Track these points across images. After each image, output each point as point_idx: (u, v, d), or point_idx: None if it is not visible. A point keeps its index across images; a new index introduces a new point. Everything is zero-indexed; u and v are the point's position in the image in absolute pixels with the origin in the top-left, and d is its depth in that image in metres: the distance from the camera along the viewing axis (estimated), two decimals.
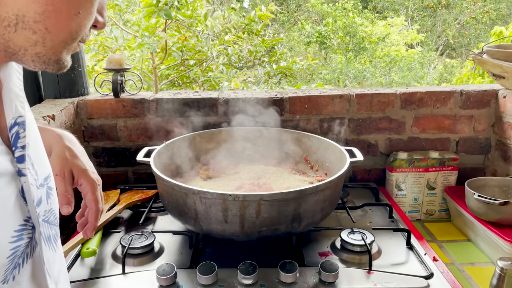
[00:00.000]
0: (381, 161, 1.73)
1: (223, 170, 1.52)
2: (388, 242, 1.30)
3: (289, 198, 1.09)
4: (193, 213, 1.14)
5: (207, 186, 1.36)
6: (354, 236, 1.26)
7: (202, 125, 1.65)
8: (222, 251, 1.25)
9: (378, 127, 1.69)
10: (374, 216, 1.46)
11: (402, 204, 1.68)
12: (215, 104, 1.64)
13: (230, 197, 1.07)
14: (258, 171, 1.47)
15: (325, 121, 1.67)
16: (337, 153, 1.40)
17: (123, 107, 1.63)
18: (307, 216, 1.15)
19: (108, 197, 1.44)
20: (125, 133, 1.66)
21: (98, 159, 1.69)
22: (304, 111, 1.66)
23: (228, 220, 1.10)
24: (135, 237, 1.25)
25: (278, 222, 1.12)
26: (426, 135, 1.71)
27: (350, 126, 1.68)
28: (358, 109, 1.66)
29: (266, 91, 1.74)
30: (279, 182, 1.40)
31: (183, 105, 1.63)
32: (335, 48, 11.64)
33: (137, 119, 1.65)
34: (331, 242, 1.29)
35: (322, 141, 1.49)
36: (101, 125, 1.65)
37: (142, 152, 1.36)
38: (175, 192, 1.15)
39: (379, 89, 1.71)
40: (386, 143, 1.71)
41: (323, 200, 1.17)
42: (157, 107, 1.63)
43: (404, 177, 1.65)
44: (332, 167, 1.44)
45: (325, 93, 1.66)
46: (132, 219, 1.43)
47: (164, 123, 1.65)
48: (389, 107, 1.67)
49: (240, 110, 1.62)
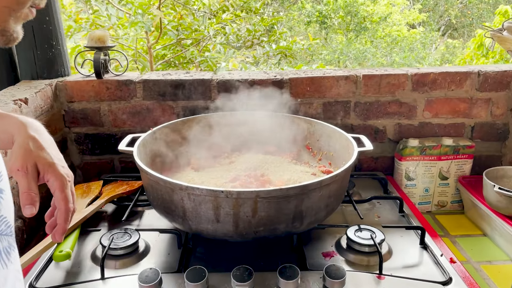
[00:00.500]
0: (389, 148, 1.59)
1: (216, 159, 1.38)
2: (399, 240, 1.17)
3: (290, 194, 0.95)
4: (181, 211, 1.00)
5: (198, 178, 1.22)
6: (361, 234, 1.13)
7: (194, 109, 1.51)
8: (214, 251, 1.12)
9: (387, 112, 1.54)
10: (383, 210, 1.33)
11: (412, 195, 1.54)
12: (208, 86, 1.49)
13: (222, 193, 0.93)
14: (255, 160, 1.32)
15: (329, 105, 1.52)
16: (342, 141, 1.26)
17: (107, 89, 1.48)
18: (310, 214, 1.01)
19: (89, 189, 1.30)
20: (110, 117, 1.52)
21: (80, 146, 1.55)
22: (306, 94, 1.51)
23: (220, 219, 0.97)
24: (117, 236, 1.11)
25: (277, 222, 0.98)
26: (439, 120, 1.57)
27: (356, 111, 1.54)
28: (365, 91, 1.51)
29: (264, 71, 1.59)
30: (278, 173, 1.26)
31: (173, 87, 1.48)
32: (336, 28, 11.39)
33: (122, 103, 1.50)
34: (336, 241, 1.16)
35: (325, 128, 1.34)
36: (83, 109, 1.50)
37: (125, 141, 1.22)
38: (160, 187, 1.01)
39: (388, 69, 1.56)
40: (395, 129, 1.57)
41: (328, 195, 1.03)
42: (144, 89, 1.48)
43: (415, 166, 1.52)
44: (337, 156, 1.30)
45: (329, 74, 1.51)
46: (116, 214, 1.30)
47: (153, 107, 1.50)
48: (399, 90, 1.52)
49: (236, 92, 1.48)
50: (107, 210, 1.32)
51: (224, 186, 1.18)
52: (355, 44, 10.77)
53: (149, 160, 1.25)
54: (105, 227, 1.23)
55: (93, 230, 1.16)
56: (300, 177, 1.21)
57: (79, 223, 1.11)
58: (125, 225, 1.23)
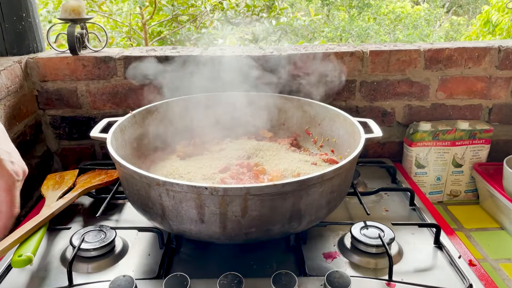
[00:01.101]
0: (397, 132, 1.44)
1: (206, 146, 1.23)
2: (410, 238, 1.03)
3: (286, 191, 0.81)
4: (159, 209, 0.86)
5: (183, 167, 1.08)
6: (368, 232, 0.99)
7: (181, 89, 1.35)
8: (200, 251, 0.99)
9: (396, 92, 1.39)
10: (391, 203, 1.19)
11: (422, 184, 1.40)
12: (197, 63, 1.33)
13: (206, 190, 0.79)
14: (248, 147, 1.18)
15: (332, 85, 1.37)
16: (347, 126, 1.11)
17: (84, 67, 1.33)
18: (309, 213, 0.87)
19: (62, 179, 1.16)
20: (88, 99, 1.36)
21: (57, 130, 1.40)
22: (306, 73, 1.35)
23: (205, 219, 0.83)
24: (90, 234, 0.98)
25: (271, 222, 0.84)
26: (454, 101, 1.41)
27: (362, 91, 1.38)
28: (373, 69, 1.36)
29: (260, 47, 1.43)
30: (274, 162, 1.12)
31: (158, 64, 1.32)
32: (338, 5, 11.10)
33: (101, 82, 1.35)
34: (338, 239, 1.03)
35: (328, 111, 1.19)
36: (58, 89, 1.35)
37: (100, 126, 1.07)
38: (135, 181, 0.87)
39: (398, 44, 1.40)
40: (405, 111, 1.42)
41: (331, 191, 0.89)
42: (125, 66, 1.33)
43: (426, 152, 1.37)
44: (341, 143, 1.15)
45: (332, 50, 1.35)
46: (92, 208, 1.16)
47: (136, 87, 1.35)
48: (410, 67, 1.36)
49: (228, 70, 1.32)
50: (83, 203, 1.18)
51: (213, 177, 1.04)
52: (358, 22, 10.48)
53: (128, 148, 1.10)
54: (79, 223, 1.09)
55: (62, 228, 1.02)
56: (299, 167, 1.06)
57: (47, 220, 0.97)
58: (102, 221, 1.09)
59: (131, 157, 1.11)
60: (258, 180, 1.05)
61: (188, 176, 1.03)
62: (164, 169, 1.09)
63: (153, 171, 1.11)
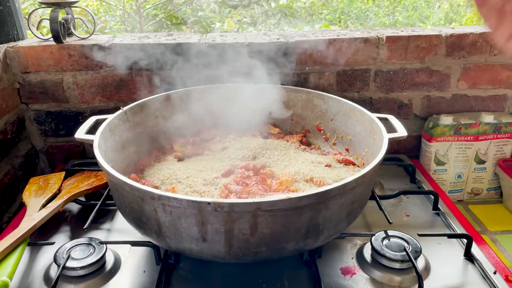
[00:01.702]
0: (414, 126, 1.32)
1: (206, 144, 1.11)
2: (437, 249, 0.92)
3: (303, 205, 0.69)
4: (155, 225, 0.74)
5: (182, 171, 0.96)
6: (390, 243, 0.88)
7: (178, 81, 1.22)
8: (202, 267, 0.88)
9: (414, 82, 1.26)
10: (412, 206, 1.08)
11: (442, 183, 1.29)
12: (195, 52, 1.20)
13: (209, 206, 0.67)
14: (254, 146, 1.06)
15: (344, 75, 1.24)
16: (365, 122, 0.99)
17: (70, 56, 1.19)
18: (327, 227, 0.76)
19: (46, 184, 1.04)
20: (76, 91, 1.24)
21: (42, 126, 1.27)
22: (316, 62, 1.22)
23: (208, 237, 0.71)
24: (77, 250, 0.86)
25: (285, 239, 0.73)
26: (476, 92, 1.29)
27: (377, 81, 1.26)
28: (389, 57, 1.23)
29: (264, 33, 1.29)
30: (282, 163, 1.00)
31: (152, 53, 1.19)
32: None
33: (90, 73, 1.22)
34: (356, 250, 0.92)
35: (342, 104, 1.07)
36: (42, 82, 1.22)
37: (86, 125, 0.95)
38: (127, 193, 0.75)
39: (417, 29, 1.27)
40: (423, 103, 1.30)
41: (352, 201, 0.78)
42: (116, 56, 1.20)
43: (447, 148, 1.25)
44: (357, 141, 1.03)
45: (344, 36, 1.22)
46: (81, 217, 1.04)
47: (128, 79, 1.22)
48: (430, 55, 1.23)
49: (230, 60, 1.19)
50: (71, 209, 1.06)
51: (215, 183, 0.93)
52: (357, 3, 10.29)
53: (119, 149, 0.98)
54: (64, 234, 0.97)
55: (45, 244, 0.90)
56: (312, 169, 0.95)
57: (27, 234, 0.85)
58: (91, 231, 0.98)
59: (123, 160, 0.99)
60: (266, 184, 0.93)
61: (187, 182, 0.92)
62: (160, 173, 0.97)
63: (147, 174, 0.99)
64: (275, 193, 0.90)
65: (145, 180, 0.95)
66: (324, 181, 0.91)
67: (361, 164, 1.00)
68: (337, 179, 0.92)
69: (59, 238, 0.95)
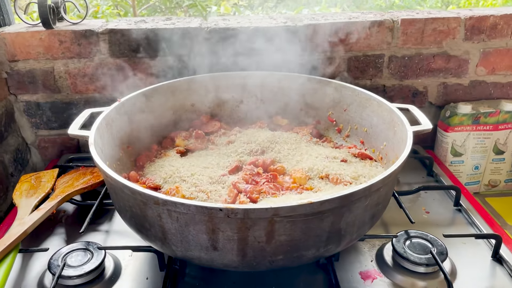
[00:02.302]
0: (429, 115, 1.25)
1: (210, 137, 1.04)
2: (462, 250, 0.86)
3: (325, 210, 0.62)
4: (159, 232, 0.67)
5: (185, 168, 0.88)
6: (413, 245, 0.82)
7: (179, 70, 1.14)
8: (210, 274, 0.81)
9: (430, 68, 1.19)
10: (431, 202, 1.01)
11: (458, 175, 1.22)
12: (196, 38, 1.11)
13: (220, 212, 0.60)
14: (262, 139, 0.98)
15: (356, 61, 1.16)
16: (383, 113, 0.92)
17: (61, 43, 1.11)
18: (350, 232, 0.69)
19: (38, 183, 0.96)
20: (68, 81, 1.15)
21: (33, 118, 1.19)
22: (326, 47, 1.14)
23: (219, 246, 0.64)
24: (73, 256, 0.79)
25: (304, 247, 0.66)
26: (496, 78, 1.22)
27: (390, 67, 1.18)
28: (404, 42, 1.15)
29: (270, 17, 1.21)
30: (294, 158, 0.93)
31: (149, 39, 1.11)
32: None
33: (83, 61, 1.13)
34: (376, 252, 0.85)
35: (357, 94, 0.99)
36: (31, 71, 1.13)
37: (80, 120, 0.87)
38: (127, 197, 0.67)
39: (433, 11, 1.19)
40: (439, 90, 1.22)
41: (376, 203, 0.71)
42: (110, 42, 1.11)
43: (464, 138, 1.18)
44: (374, 133, 0.96)
45: (356, 19, 1.13)
46: (76, 217, 0.97)
47: (124, 67, 1.13)
48: (448, 39, 1.16)
49: (234, 46, 1.11)
50: (66, 209, 0.99)
51: (222, 181, 0.85)
52: None
53: (117, 145, 0.90)
54: (59, 238, 0.90)
55: (37, 250, 0.82)
56: (326, 165, 0.87)
57: (18, 240, 0.78)
58: (88, 233, 0.90)
59: (121, 156, 0.91)
60: (277, 182, 0.86)
61: (192, 180, 0.84)
62: (162, 170, 0.89)
63: (148, 172, 0.91)
64: (288, 192, 0.83)
65: (146, 179, 0.87)
66: (341, 178, 0.84)
67: (379, 159, 0.93)
68: (355, 176, 0.85)
69: (54, 242, 0.88)
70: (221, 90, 1.09)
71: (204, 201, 0.79)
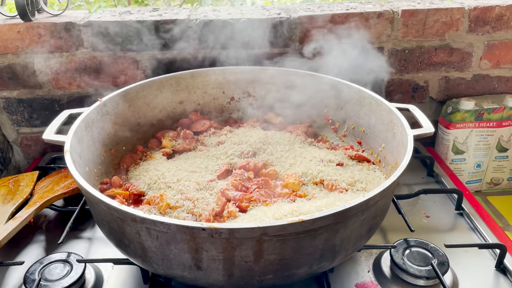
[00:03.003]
0: (430, 110, 1.19)
1: (198, 137, 0.98)
2: (464, 259, 0.81)
3: (318, 227, 0.57)
4: (139, 249, 0.62)
5: (171, 173, 0.83)
6: (413, 255, 0.77)
7: (166, 65, 1.08)
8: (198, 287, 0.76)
9: (432, 61, 1.13)
10: (431, 205, 0.96)
11: (459, 173, 1.18)
12: (184, 31, 1.05)
13: (203, 232, 0.54)
14: (254, 140, 0.93)
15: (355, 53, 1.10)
16: (382, 113, 0.86)
17: (40, 36, 1.04)
18: (345, 248, 0.64)
19: (17, 187, 0.91)
20: (49, 76, 1.09)
21: (13, 115, 1.13)
22: (322, 40, 1.08)
23: (203, 265, 0.59)
24: (51, 269, 0.74)
25: (296, 265, 0.61)
26: (500, 72, 1.16)
27: (390, 60, 1.12)
28: (405, 34, 1.09)
29: (263, 7, 1.14)
30: (287, 161, 0.87)
31: (134, 32, 1.04)
32: None
33: (64, 56, 1.07)
34: (373, 261, 0.80)
35: (354, 91, 0.93)
36: (10, 66, 1.07)
37: (58, 121, 0.81)
38: (104, 212, 0.62)
39: (435, 1, 1.13)
40: (441, 85, 1.16)
41: (374, 216, 0.66)
42: (94, 35, 1.04)
43: (467, 135, 1.13)
44: (372, 134, 0.91)
45: (355, 10, 1.07)
46: (57, 224, 0.92)
47: (109, 62, 1.07)
48: (451, 31, 1.09)
49: (224, 39, 1.05)
50: (47, 214, 0.94)
51: (210, 187, 0.80)
52: None
53: (98, 148, 0.85)
54: (37, 246, 0.85)
55: (12, 264, 0.77)
56: (321, 170, 0.82)
57: None
58: (68, 242, 0.85)
59: (103, 160, 0.86)
60: (269, 187, 0.81)
61: (178, 187, 0.79)
62: (146, 175, 0.84)
63: (132, 176, 0.86)
64: (280, 199, 0.78)
65: (130, 184, 0.82)
66: (337, 185, 0.79)
67: (377, 162, 0.88)
68: (351, 182, 0.80)
69: (32, 252, 0.83)
70: (211, 86, 1.03)
71: (190, 211, 0.74)
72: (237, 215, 0.72)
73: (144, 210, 0.75)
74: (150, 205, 0.76)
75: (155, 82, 0.98)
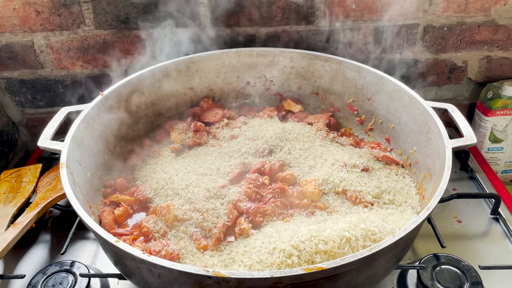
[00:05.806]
0: (467, 92, 1.08)
1: (211, 129, 0.90)
2: (496, 276, 0.74)
3: (340, 273, 0.50)
4: (141, 282, 0.57)
5: (180, 174, 0.77)
6: (443, 273, 0.70)
7: (176, 46, 0.98)
8: None
9: (473, 40, 1.00)
10: (464, 207, 0.88)
11: (495, 162, 1.08)
12: (195, 6, 0.94)
13: (209, 280, 0.48)
14: (270, 135, 0.85)
15: (385, 31, 0.98)
16: (415, 111, 0.76)
17: (38, 13, 0.95)
18: (369, 283, 0.58)
19: (19, 184, 0.86)
20: (51, 56, 1.01)
21: (16, 97, 1.07)
22: (350, 14, 0.96)
23: None
24: (53, 282, 0.70)
25: None
26: None
27: (426, 39, 0.99)
28: (445, 9, 0.96)
29: None
30: (306, 163, 0.80)
31: (140, 7, 0.94)
32: None
33: (65, 34, 0.98)
34: (397, 278, 0.74)
35: (384, 82, 0.83)
36: (8, 45, 0.99)
37: (56, 122, 0.74)
38: (107, 245, 0.56)
39: None
40: (482, 65, 1.04)
41: (403, 248, 0.58)
42: (95, 12, 0.95)
43: (506, 122, 1.02)
44: (403, 132, 0.81)
45: None
46: (60, 225, 0.86)
47: (112, 40, 0.98)
48: (498, 5, 0.95)
49: (241, 14, 0.94)
50: (52, 209, 0.89)
51: (220, 195, 0.74)
52: None
53: (101, 147, 0.78)
54: (38, 253, 0.80)
55: (12, 277, 0.73)
56: (344, 178, 0.74)
57: None
58: (72, 250, 0.80)
59: (108, 158, 0.79)
60: (286, 196, 0.74)
61: (187, 194, 0.73)
62: (153, 177, 0.77)
63: (139, 177, 0.80)
64: (298, 211, 0.71)
65: (135, 188, 0.76)
66: (361, 197, 0.71)
67: (407, 165, 0.79)
68: (378, 193, 0.72)
69: (33, 256, 0.79)
70: (224, 70, 0.94)
71: (199, 224, 0.68)
72: (249, 233, 0.66)
73: (149, 222, 0.69)
74: (157, 216, 0.70)
75: (163, 67, 0.89)
